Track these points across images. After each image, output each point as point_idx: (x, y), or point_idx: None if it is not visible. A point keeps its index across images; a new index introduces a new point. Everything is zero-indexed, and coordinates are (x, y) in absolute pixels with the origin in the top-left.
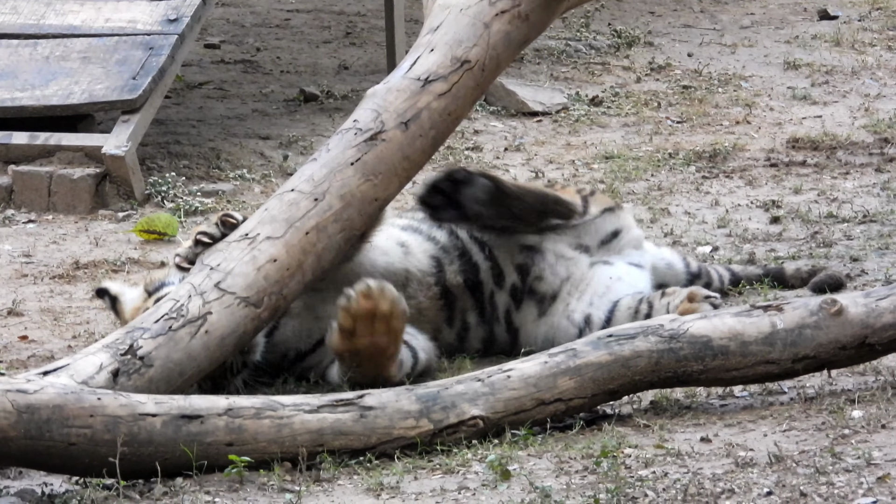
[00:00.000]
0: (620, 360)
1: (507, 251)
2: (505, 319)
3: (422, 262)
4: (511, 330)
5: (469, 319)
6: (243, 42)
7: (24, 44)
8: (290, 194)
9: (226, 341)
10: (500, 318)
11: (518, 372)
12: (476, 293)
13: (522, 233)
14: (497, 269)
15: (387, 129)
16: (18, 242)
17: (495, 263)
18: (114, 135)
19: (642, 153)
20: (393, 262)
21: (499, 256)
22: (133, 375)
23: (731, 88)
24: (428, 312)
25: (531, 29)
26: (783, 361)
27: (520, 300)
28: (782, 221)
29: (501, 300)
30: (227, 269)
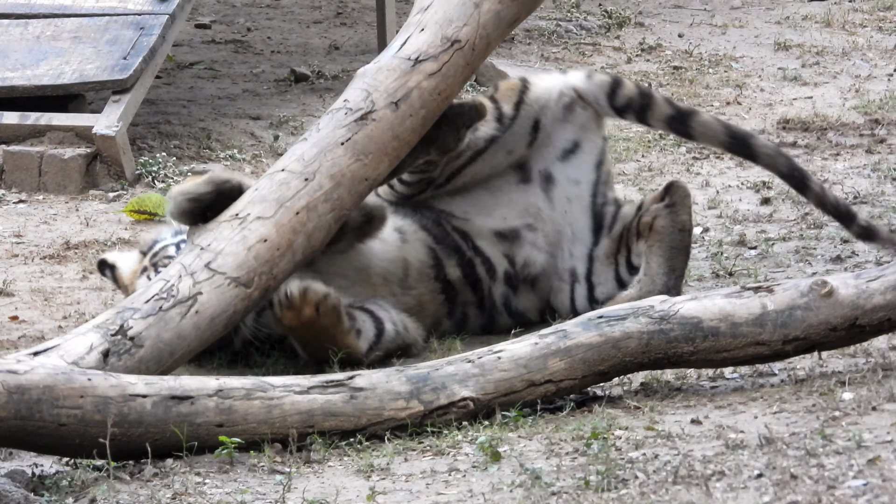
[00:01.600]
0: (611, 341)
1: (488, 242)
2: (505, 308)
3: (420, 252)
4: (514, 314)
5: (469, 312)
6: (234, 22)
7: (15, 23)
8: (280, 174)
9: (216, 321)
10: (499, 308)
11: (508, 353)
12: (476, 288)
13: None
14: (488, 262)
15: (377, 109)
16: (9, 223)
17: (484, 257)
18: (104, 115)
19: (633, 134)
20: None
21: (483, 247)
22: (123, 356)
23: (722, 69)
24: (429, 306)
25: (521, 8)
26: (774, 343)
27: (516, 287)
28: (773, 202)
29: (499, 291)
30: (217, 249)
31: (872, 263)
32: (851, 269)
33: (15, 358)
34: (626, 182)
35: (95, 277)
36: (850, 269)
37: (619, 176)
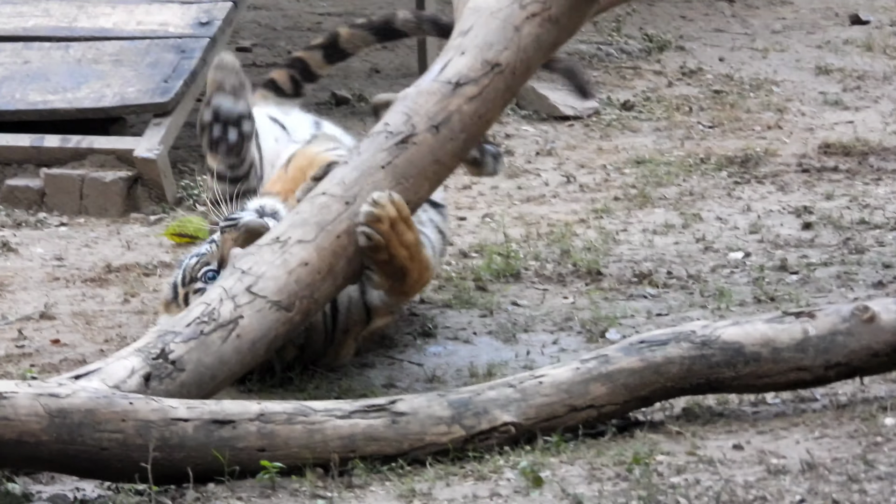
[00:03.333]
0: (652, 366)
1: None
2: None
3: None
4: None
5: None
6: (275, 45)
7: (56, 46)
8: (321, 198)
9: (257, 345)
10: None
11: (550, 378)
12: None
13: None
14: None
15: (418, 133)
16: (50, 245)
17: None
18: (145, 138)
19: (674, 158)
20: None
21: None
22: (165, 380)
23: (763, 93)
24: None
25: (562, 32)
26: (815, 368)
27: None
28: (814, 227)
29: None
30: (258, 272)
31: None
32: (893, 294)
33: (56, 381)
34: (667, 207)
35: (137, 301)
36: (891, 295)
37: (659, 200)
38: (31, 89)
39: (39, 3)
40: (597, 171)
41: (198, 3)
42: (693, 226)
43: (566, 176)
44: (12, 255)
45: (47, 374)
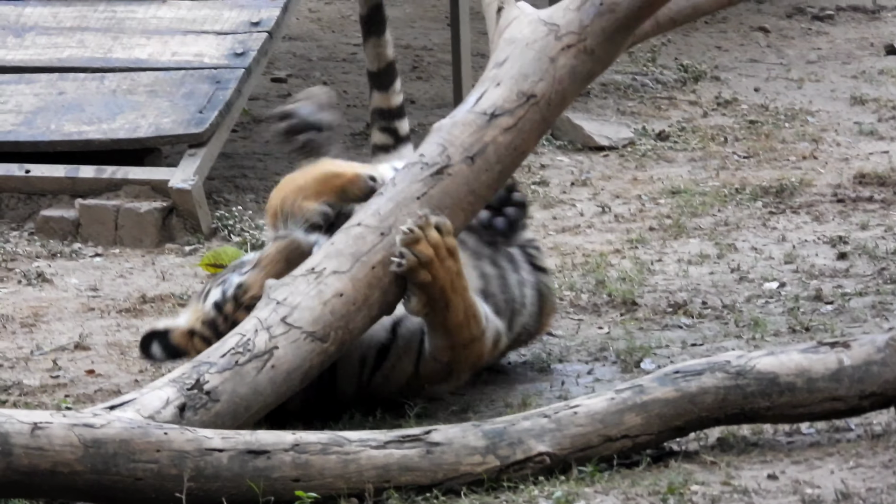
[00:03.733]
0: (687, 396)
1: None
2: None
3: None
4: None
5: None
6: (310, 76)
7: (91, 77)
8: (356, 228)
9: (292, 376)
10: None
11: (584, 408)
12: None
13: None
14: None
15: (453, 164)
16: (85, 276)
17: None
18: (180, 168)
19: (709, 188)
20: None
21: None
22: (199, 410)
23: (798, 123)
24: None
25: (597, 63)
26: (850, 398)
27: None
28: (849, 257)
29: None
30: (293, 303)
31: None
32: None
33: (91, 412)
34: (702, 237)
35: None
36: None
37: (694, 230)
38: (66, 120)
39: (75, 33)
40: (632, 201)
41: (233, 34)
42: (728, 256)
43: (601, 206)
44: (47, 286)
45: (82, 404)
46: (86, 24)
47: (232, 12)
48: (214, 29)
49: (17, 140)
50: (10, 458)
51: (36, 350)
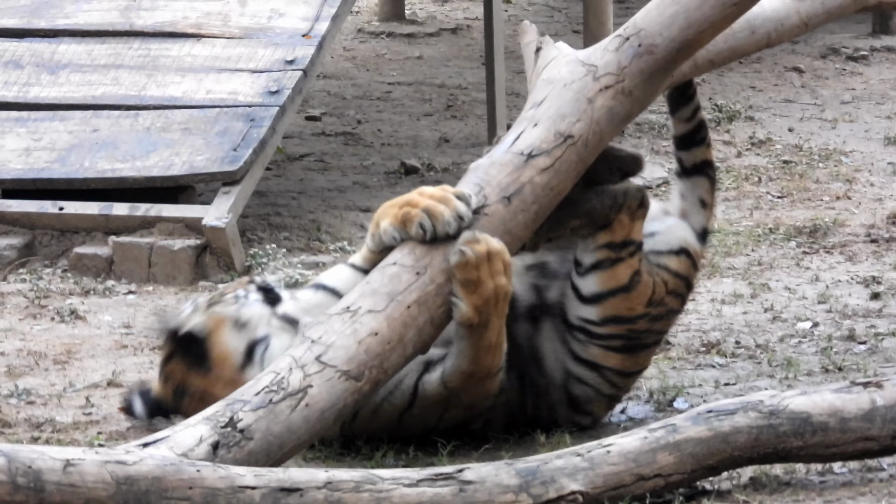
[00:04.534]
0: (720, 435)
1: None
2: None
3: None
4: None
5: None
6: (344, 114)
7: (126, 114)
8: (391, 268)
9: (326, 415)
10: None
11: (617, 447)
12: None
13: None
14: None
15: (489, 204)
16: (118, 313)
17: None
18: (214, 206)
19: (742, 228)
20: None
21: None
22: (233, 448)
23: (832, 163)
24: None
25: (634, 105)
26: (883, 438)
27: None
28: (882, 297)
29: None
30: (328, 342)
31: None
32: None
33: (124, 449)
34: (735, 276)
35: None
36: None
37: (728, 270)
38: (99, 157)
39: (109, 71)
40: None
41: (268, 72)
42: (761, 295)
43: None
44: (80, 323)
45: (115, 441)
46: (120, 62)
47: (267, 50)
48: (249, 67)
49: (51, 177)
50: (43, 495)
51: (69, 387)
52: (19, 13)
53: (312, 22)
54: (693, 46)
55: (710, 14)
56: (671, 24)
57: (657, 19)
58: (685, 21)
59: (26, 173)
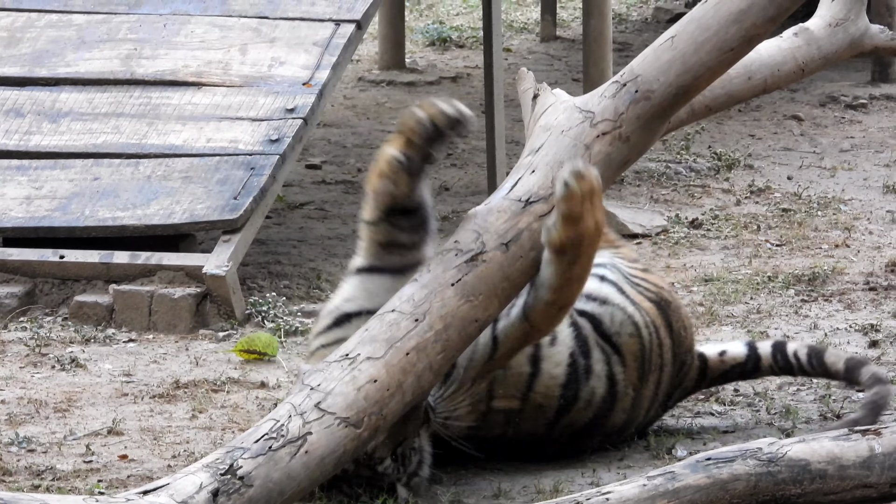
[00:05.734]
0: (719, 483)
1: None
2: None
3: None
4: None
5: None
6: (344, 163)
7: (127, 163)
8: (390, 315)
9: (325, 461)
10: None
11: (617, 495)
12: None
13: None
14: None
15: (487, 251)
16: (119, 361)
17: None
18: (214, 254)
19: (741, 276)
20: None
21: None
22: (233, 495)
23: (831, 212)
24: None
25: (631, 151)
26: (881, 485)
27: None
28: (881, 345)
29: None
30: (327, 389)
31: None
32: None
33: (124, 497)
34: (734, 324)
35: (205, 417)
36: None
37: (727, 318)
38: (100, 206)
39: (110, 119)
40: None
41: (268, 121)
42: None
43: None
44: (81, 371)
45: (115, 489)
46: (121, 110)
47: (267, 99)
48: (249, 115)
49: (52, 225)
50: None
51: (69, 435)
52: (21, 62)
53: (313, 70)
54: (690, 92)
55: (707, 60)
56: (668, 70)
57: (654, 65)
58: (682, 66)
59: (27, 222)
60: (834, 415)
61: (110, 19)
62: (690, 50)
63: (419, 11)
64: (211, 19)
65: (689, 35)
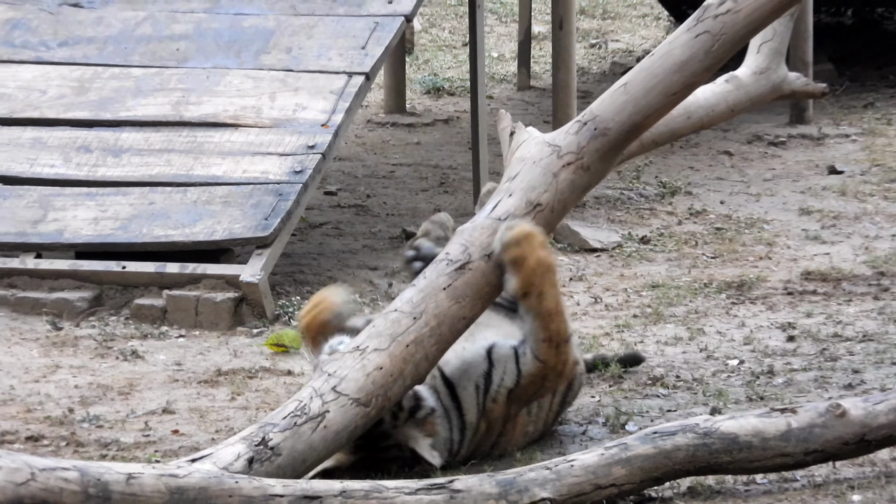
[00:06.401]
0: (663, 452)
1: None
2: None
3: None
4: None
5: None
6: (356, 190)
7: (176, 190)
8: (393, 314)
9: (340, 435)
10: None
11: (580, 462)
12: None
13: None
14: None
15: (473, 260)
16: (171, 353)
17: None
18: (249, 265)
19: (682, 283)
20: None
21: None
22: (265, 463)
23: (756, 230)
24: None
25: (592, 178)
26: (796, 454)
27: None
28: (797, 340)
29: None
30: (341, 375)
31: (878, 390)
32: (861, 394)
33: (176, 464)
34: (676, 322)
35: (242, 399)
36: (859, 395)
37: (670, 317)
38: (155, 225)
39: (163, 154)
40: (619, 293)
41: (293, 155)
42: (697, 338)
43: (594, 297)
44: (140, 361)
45: (168, 458)
46: (172, 147)
47: (292, 137)
48: (278, 151)
49: (115, 241)
50: (110, 503)
51: (131, 414)
52: (89, 107)
53: (330, 114)
54: (640, 129)
55: (654, 102)
56: (622, 111)
57: (610, 107)
58: (633, 108)
59: (95, 238)
60: (758, 396)
61: (162, 72)
62: (640, 94)
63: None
64: (245, 72)
65: (640, 82)
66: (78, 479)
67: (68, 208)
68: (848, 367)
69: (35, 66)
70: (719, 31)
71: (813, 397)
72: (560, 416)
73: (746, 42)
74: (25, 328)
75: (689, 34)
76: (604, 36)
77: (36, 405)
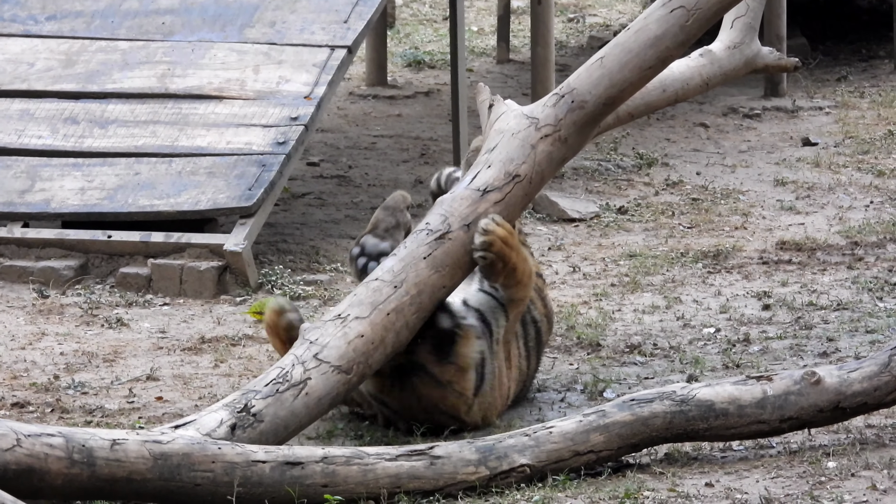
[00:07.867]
0: (641, 419)
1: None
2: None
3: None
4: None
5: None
6: (338, 161)
7: (161, 161)
8: (374, 282)
9: (322, 401)
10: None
11: (558, 429)
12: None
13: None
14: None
15: (452, 230)
16: (156, 321)
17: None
18: (233, 235)
19: (659, 252)
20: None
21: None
22: (247, 429)
23: (731, 201)
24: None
25: (569, 150)
26: (772, 422)
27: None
28: (772, 308)
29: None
30: (323, 342)
31: (852, 358)
32: (835, 362)
33: (160, 430)
34: (653, 291)
35: (225, 366)
36: (834, 363)
37: (647, 286)
38: (140, 196)
39: (148, 126)
40: (597, 262)
41: (276, 127)
42: (674, 307)
43: (572, 266)
44: (125, 329)
45: (152, 424)
46: (157, 118)
47: (275, 109)
48: (261, 123)
49: (102, 211)
50: (94, 468)
51: (115, 381)
52: (76, 80)
53: (312, 87)
54: (616, 102)
55: (630, 76)
56: (598, 84)
57: (587, 80)
58: (609, 82)
59: (81, 208)
60: (734, 364)
61: (148, 45)
62: (616, 68)
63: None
64: (230, 45)
65: (615, 56)
66: (63, 445)
67: (55, 178)
68: (822, 336)
69: (23, 40)
70: (693, 6)
71: (788, 365)
72: (540, 357)
73: (720, 17)
74: (12, 296)
75: (664, 9)
76: (581, 10)
77: (22, 372)
